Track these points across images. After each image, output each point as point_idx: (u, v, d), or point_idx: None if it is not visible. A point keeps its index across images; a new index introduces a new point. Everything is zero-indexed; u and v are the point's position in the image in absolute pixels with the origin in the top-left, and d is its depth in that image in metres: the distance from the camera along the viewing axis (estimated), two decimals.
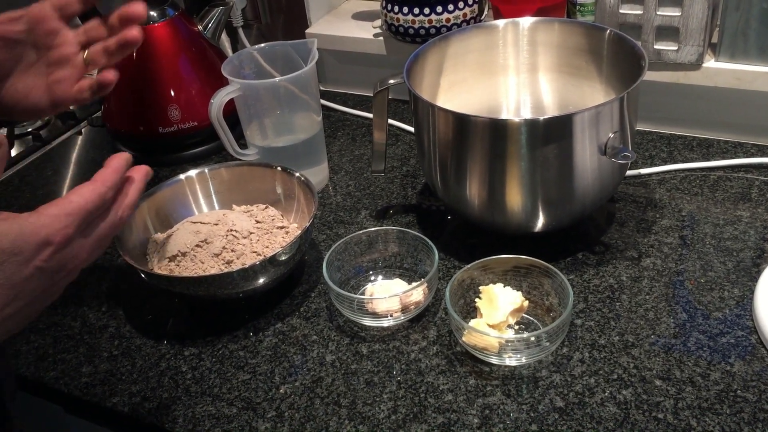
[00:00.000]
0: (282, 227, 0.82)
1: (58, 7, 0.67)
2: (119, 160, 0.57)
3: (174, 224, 0.84)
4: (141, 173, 0.59)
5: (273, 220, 0.83)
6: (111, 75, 0.69)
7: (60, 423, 0.82)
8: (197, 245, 0.78)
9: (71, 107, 1.15)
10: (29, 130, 1.23)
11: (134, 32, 0.67)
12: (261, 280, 0.75)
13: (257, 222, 0.83)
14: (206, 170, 0.88)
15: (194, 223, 0.81)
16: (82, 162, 1.15)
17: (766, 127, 0.96)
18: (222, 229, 0.79)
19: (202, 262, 0.77)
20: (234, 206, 0.87)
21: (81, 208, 0.52)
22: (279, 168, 0.86)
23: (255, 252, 0.78)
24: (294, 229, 0.83)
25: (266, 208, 0.86)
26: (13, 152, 1.19)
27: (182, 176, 0.87)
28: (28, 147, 1.19)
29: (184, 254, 0.77)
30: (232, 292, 0.75)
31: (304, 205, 0.84)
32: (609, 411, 0.64)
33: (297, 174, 0.85)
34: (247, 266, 0.73)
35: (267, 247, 0.79)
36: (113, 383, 0.73)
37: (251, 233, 0.80)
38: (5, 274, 0.48)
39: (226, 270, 0.76)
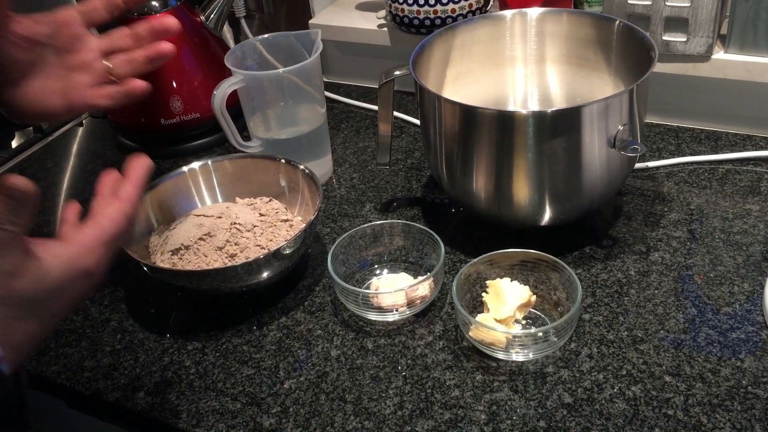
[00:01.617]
0: (286, 220, 0.82)
1: (84, 12, 0.66)
2: (140, 171, 0.57)
3: (177, 217, 0.83)
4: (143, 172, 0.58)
5: (277, 213, 0.82)
6: (141, 84, 0.68)
7: (62, 418, 0.81)
8: (200, 238, 0.77)
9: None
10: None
11: (166, 46, 0.66)
12: (265, 274, 0.74)
13: (261, 215, 0.82)
14: (209, 162, 0.87)
15: (197, 216, 0.80)
16: (83, 154, 1.14)
17: None
18: (225, 222, 0.78)
19: (206, 256, 0.76)
20: (237, 199, 0.86)
21: (113, 234, 0.54)
22: (283, 160, 0.85)
23: (259, 245, 0.77)
24: (298, 222, 0.82)
25: (270, 201, 0.85)
26: (14, 144, 1.18)
27: (185, 168, 0.86)
28: (28, 139, 1.18)
29: (187, 247, 0.76)
30: (236, 286, 0.74)
31: (309, 198, 0.83)
32: (618, 407, 0.63)
33: (301, 167, 0.84)
34: (251, 260, 0.72)
35: (271, 240, 0.78)
36: (116, 378, 0.72)
37: (255, 226, 0.79)
38: (49, 310, 0.50)
39: (229, 264, 0.75)
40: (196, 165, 0.86)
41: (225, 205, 0.83)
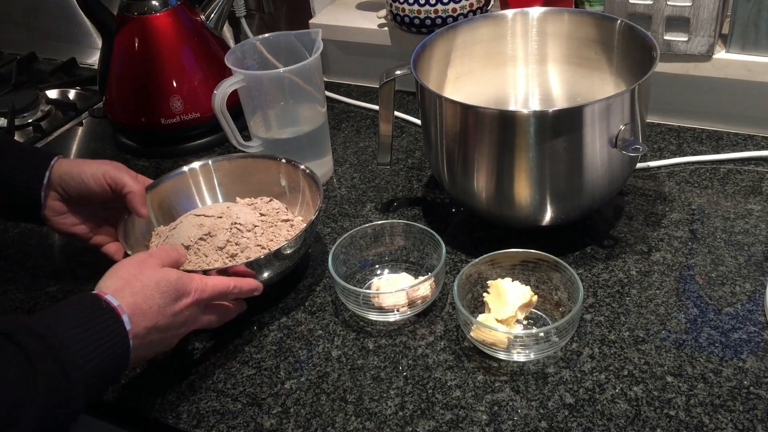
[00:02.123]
0: (287, 220, 0.81)
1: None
2: (255, 285, 0.72)
3: (177, 216, 0.83)
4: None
5: (277, 213, 0.82)
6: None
7: None
8: (201, 238, 0.77)
9: None
10: (30, 121, 1.22)
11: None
12: (265, 274, 0.74)
13: (261, 215, 0.81)
14: (210, 162, 0.87)
15: (198, 216, 0.80)
16: (83, 153, 1.14)
17: None
18: (226, 222, 0.78)
19: (206, 256, 0.76)
20: (238, 199, 0.86)
21: (215, 286, 0.68)
22: (284, 160, 0.85)
23: (259, 245, 0.77)
24: (299, 222, 0.82)
25: (270, 200, 0.85)
26: None
27: (185, 168, 0.86)
28: (29, 138, 1.17)
29: (187, 247, 0.76)
30: None
31: (309, 197, 0.83)
32: (620, 408, 0.63)
33: (302, 166, 0.83)
34: (251, 260, 0.72)
35: (271, 240, 0.78)
36: None
37: (255, 226, 0.79)
38: (165, 300, 0.64)
39: (230, 264, 0.74)
40: (196, 165, 0.86)
41: (225, 205, 0.83)
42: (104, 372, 0.58)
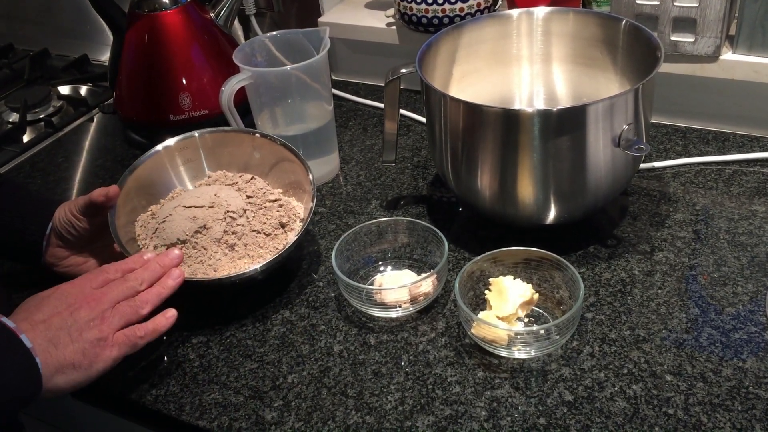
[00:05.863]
0: (275, 200, 0.82)
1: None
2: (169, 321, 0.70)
3: (159, 196, 0.84)
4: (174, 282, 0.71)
5: (264, 193, 0.83)
6: None
7: (66, 410, 0.82)
8: (197, 231, 0.77)
9: None
10: (41, 116, 1.23)
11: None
12: (260, 278, 0.75)
13: (248, 197, 0.82)
14: (172, 143, 0.87)
15: (188, 207, 0.79)
16: (94, 149, 1.15)
17: None
18: (219, 212, 0.78)
19: (205, 249, 0.76)
20: (217, 172, 0.87)
21: (132, 342, 0.66)
22: (258, 134, 0.86)
23: (255, 231, 0.78)
24: (287, 201, 0.83)
25: (252, 178, 0.85)
26: (25, 138, 1.19)
27: (159, 147, 0.86)
28: (39, 133, 1.19)
29: (184, 242, 0.76)
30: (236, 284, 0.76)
31: (298, 177, 0.84)
32: (618, 406, 0.63)
33: (279, 140, 0.85)
34: (267, 262, 0.73)
35: (264, 223, 0.79)
36: (121, 370, 0.73)
37: (246, 210, 0.79)
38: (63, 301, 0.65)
39: (229, 254, 0.75)
40: (159, 147, 0.86)
41: (212, 191, 0.81)
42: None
